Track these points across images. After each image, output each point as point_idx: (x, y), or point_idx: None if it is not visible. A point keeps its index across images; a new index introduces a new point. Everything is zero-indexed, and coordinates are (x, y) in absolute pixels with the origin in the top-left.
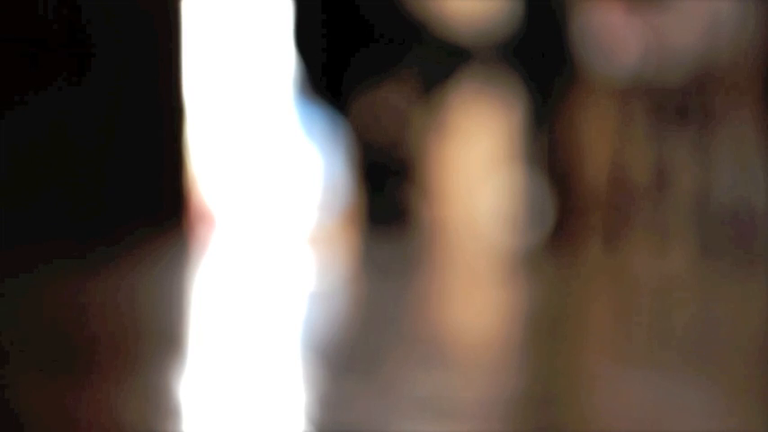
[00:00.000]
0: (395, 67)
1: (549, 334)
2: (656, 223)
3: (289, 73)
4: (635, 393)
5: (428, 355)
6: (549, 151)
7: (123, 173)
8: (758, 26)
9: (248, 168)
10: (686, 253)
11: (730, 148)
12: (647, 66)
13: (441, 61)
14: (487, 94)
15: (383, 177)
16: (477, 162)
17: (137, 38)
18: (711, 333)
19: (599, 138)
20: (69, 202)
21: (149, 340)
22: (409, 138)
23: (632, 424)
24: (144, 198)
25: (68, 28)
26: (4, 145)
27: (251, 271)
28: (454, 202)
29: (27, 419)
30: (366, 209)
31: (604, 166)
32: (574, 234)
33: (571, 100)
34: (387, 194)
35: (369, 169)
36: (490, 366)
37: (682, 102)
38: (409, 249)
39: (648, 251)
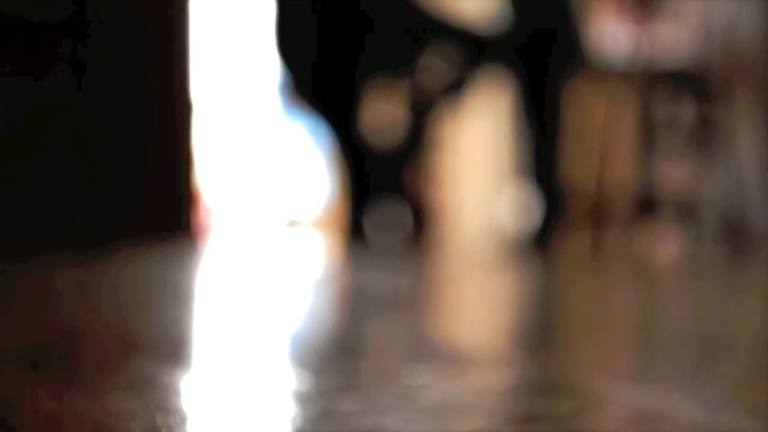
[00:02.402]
0: (397, 67)
1: (544, 330)
2: (652, 221)
3: (277, 75)
4: (632, 393)
5: (424, 349)
6: (549, 148)
7: (123, 171)
8: (758, 28)
9: (244, 167)
10: (680, 250)
11: (727, 150)
12: (646, 66)
13: (445, 60)
14: (489, 90)
15: (382, 176)
16: (479, 158)
17: (143, 34)
18: (704, 331)
19: (596, 134)
20: (67, 200)
21: (147, 338)
22: (411, 135)
23: (631, 422)
24: (145, 196)
25: (66, 26)
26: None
27: (247, 265)
28: (455, 198)
29: (13, 417)
30: (362, 208)
31: (601, 163)
32: (569, 230)
33: (571, 96)
34: (386, 194)
35: (368, 169)
36: (486, 362)
37: (679, 102)
38: (407, 245)
39: (643, 248)
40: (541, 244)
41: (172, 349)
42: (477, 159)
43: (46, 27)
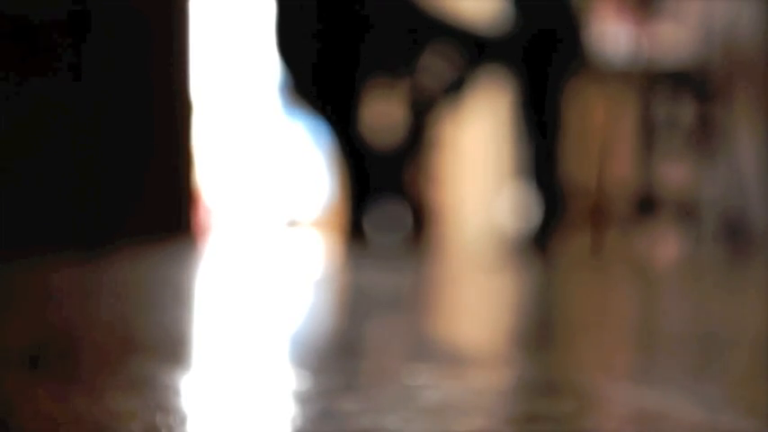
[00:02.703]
0: (397, 67)
1: (544, 330)
2: (652, 221)
3: (277, 75)
4: (632, 393)
5: (424, 349)
6: (549, 148)
7: (123, 171)
8: (758, 28)
9: (244, 167)
10: (680, 250)
11: (727, 150)
12: (646, 66)
13: (445, 60)
14: (489, 90)
15: (382, 176)
16: (479, 158)
17: (143, 34)
18: (704, 331)
19: (596, 134)
20: (68, 200)
21: (147, 338)
22: (411, 135)
23: (631, 422)
24: (146, 196)
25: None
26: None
27: (247, 265)
28: (455, 198)
29: (13, 417)
30: (362, 208)
31: (601, 163)
32: (569, 230)
33: (571, 97)
34: (386, 194)
35: (368, 169)
36: (486, 362)
37: (679, 102)
38: (407, 245)
39: (643, 248)
40: (541, 244)
41: (172, 349)
42: (477, 159)
43: (46, 27)
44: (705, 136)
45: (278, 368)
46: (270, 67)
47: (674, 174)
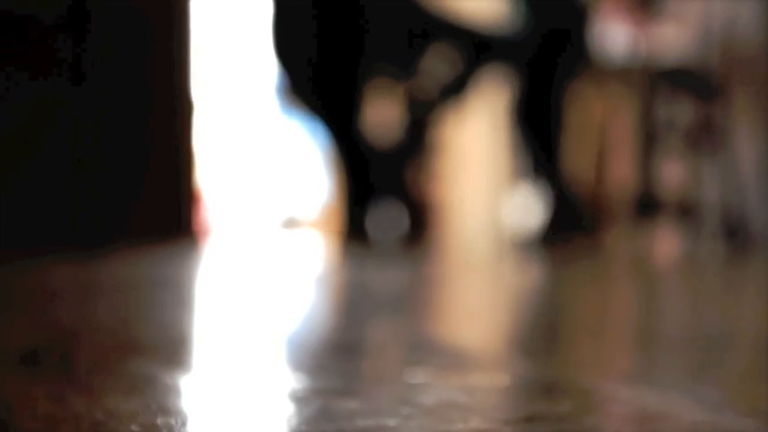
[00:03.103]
0: (398, 67)
1: (544, 330)
2: (652, 221)
3: (276, 76)
4: (632, 394)
5: (424, 349)
6: (553, 148)
7: (124, 171)
8: (757, 27)
9: (243, 167)
10: (680, 249)
11: (727, 150)
12: (646, 66)
13: (447, 61)
14: (491, 90)
15: (382, 176)
16: (480, 158)
17: (143, 34)
18: (704, 331)
19: (596, 134)
20: (67, 200)
21: (147, 338)
22: (411, 135)
23: (631, 422)
24: (146, 197)
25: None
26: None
27: (246, 265)
28: (455, 198)
29: (12, 417)
30: (362, 207)
31: (601, 163)
32: (570, 229)
33: (571, 96)
34: (386, 194)
35: (368, 169)
36: (486, 362)
37: (678, 102)
38: (407, 245)
39: (644, 247)
40: (542, 244)
41: (172, 349)
42: (477, 159)
43: (46, 27)
44: (705, 136)
45: (278, 368)
46: (269, 67)
47: (674, 173)
